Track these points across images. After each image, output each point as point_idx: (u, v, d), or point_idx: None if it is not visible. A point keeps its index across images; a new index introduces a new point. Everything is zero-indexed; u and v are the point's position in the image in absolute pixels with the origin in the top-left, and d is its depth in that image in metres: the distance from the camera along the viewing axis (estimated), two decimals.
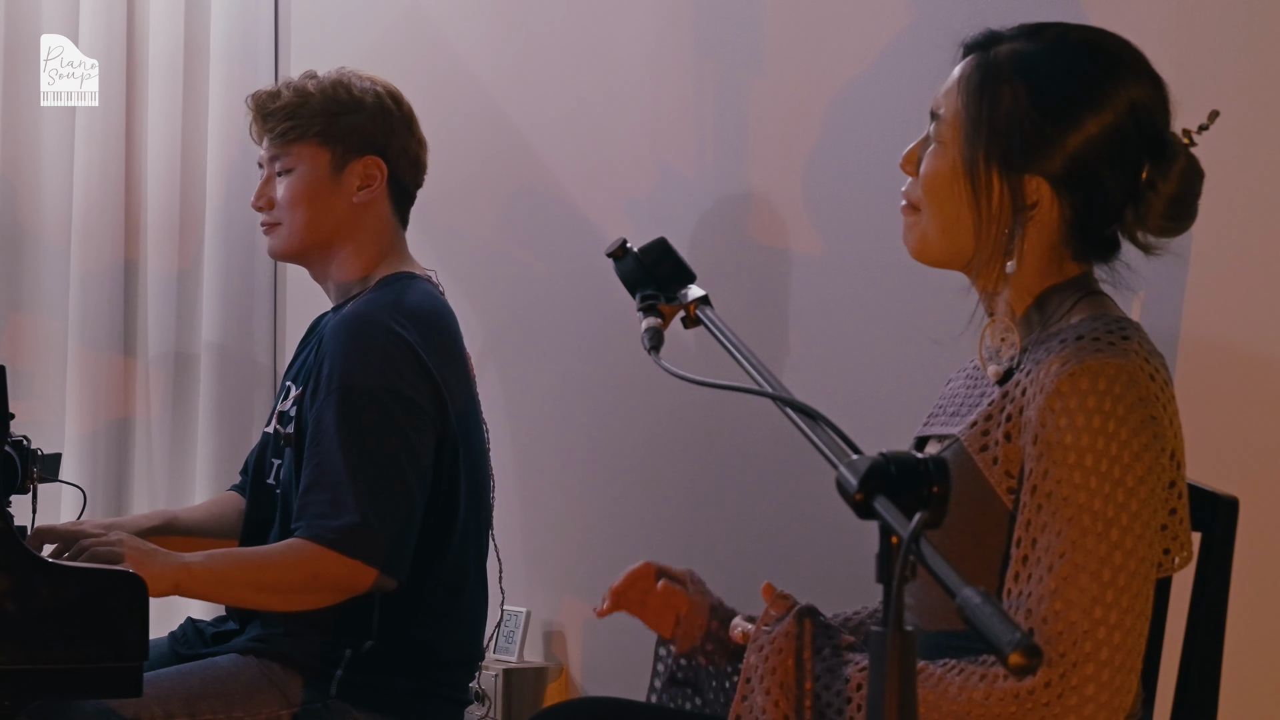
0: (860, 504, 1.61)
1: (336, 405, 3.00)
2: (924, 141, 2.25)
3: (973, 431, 2.15)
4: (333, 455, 2.98)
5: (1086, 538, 2.02)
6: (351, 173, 3.20)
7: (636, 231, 2.46)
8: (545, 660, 4.01)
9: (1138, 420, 2.04)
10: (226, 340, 4.53)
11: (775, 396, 1.89)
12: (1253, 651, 2.76)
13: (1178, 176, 2.16)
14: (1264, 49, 2.84)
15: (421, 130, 3.29)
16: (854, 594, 2.49)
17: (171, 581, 2.84)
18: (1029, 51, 2.18)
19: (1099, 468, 2.03)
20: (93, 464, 4.51)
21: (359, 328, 3.07)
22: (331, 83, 3.22)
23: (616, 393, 3.89)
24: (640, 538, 3.83)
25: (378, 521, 2.94)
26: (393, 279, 3.19)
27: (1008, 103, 2.15)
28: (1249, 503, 2.32)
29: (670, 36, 3.81)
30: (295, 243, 3.23)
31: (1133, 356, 2.07)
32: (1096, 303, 2.18)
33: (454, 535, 3.11)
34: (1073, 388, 2.05)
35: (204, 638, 3.23)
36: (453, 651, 3.14)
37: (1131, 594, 2.02)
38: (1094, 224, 2.17)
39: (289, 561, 2.94)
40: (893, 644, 1.53)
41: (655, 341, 2.21)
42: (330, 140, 3.19)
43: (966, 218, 2.18)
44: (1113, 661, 2.01)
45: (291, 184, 3.20)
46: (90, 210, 4.51)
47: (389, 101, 3.24)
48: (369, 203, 3.20)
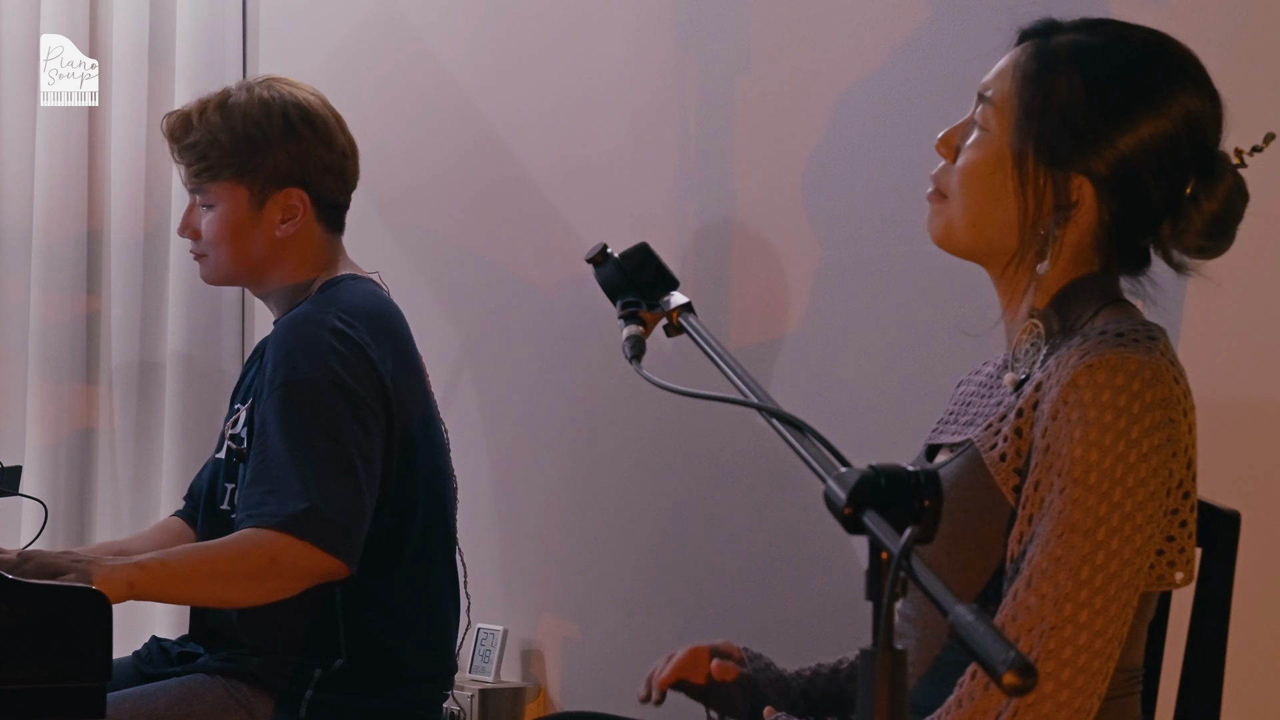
0: (849, 518, 1.59)
1: (279, 402, 3.01)
2: (965, 125, 2.23)
3: (986, 433, 2.15)
4: (276, 449, 2.98)
5: (1073, 533, 2.02)
6: (273, 206, 3.20)
7: (617, 236, 2.46)
8: (523, 680, 4.00)
9: (1152, 421, 2.03)
10: (193, 349, 4.52)
11: (761, 407, 1.89)
12: (1255, 671, 2.76)
13: (1223, 196, 2.15)
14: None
15: (346, 136, 3.27)
16: (843, 613, 2.49)
17: (125, 582, 2.80)
18: (1089, 44, 2.17)
19: (1102, 464, 2.02)
20: (54, 477, 4.50)
21: (299, 327, 3.08)
22: (241, 115, 3.20)
23: (597, 403, 3.88)
24: (621, 553, 3.83)
25: (326, 506, 2.93)
26: (332, 283, 3.20)
27: (1063, 94, 2.14)
28: (1250, 518, 2.32)
29: (652, 33, 3.81)
30: (223, 275, 3.27)
31: (1157, 355, 2.07)
32: (1122, 309, 2.17)
33: (413, 534, 3.12)
34: (1089, 380, 2.04)
35: (169, 657, 3.22)
36: (423, 664, 3.14)
37: (1107, 596, 2.01)
38: (1130, 233, 2.16)
39: (244, 548, 2.93)
40: (883, 663, 1.52)
41: (637, 350, 2.20)
42: (245, 178, 3.19)
43: (1002, 211, 2.17)
44: (1075, 662, 2.00)
45: (213, 222, 3.21)
46: (52, 214, 4.51)
47: (303, 127, 3.21)
48: (294, 231, 3.21)
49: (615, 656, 3.82)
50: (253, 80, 3.27)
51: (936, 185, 2.24)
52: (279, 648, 3.05)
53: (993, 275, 2.24)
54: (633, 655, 3.75)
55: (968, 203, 2.20)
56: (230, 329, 4.59)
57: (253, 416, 3.10)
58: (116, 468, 4.58)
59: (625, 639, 3.78)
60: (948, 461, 2.20)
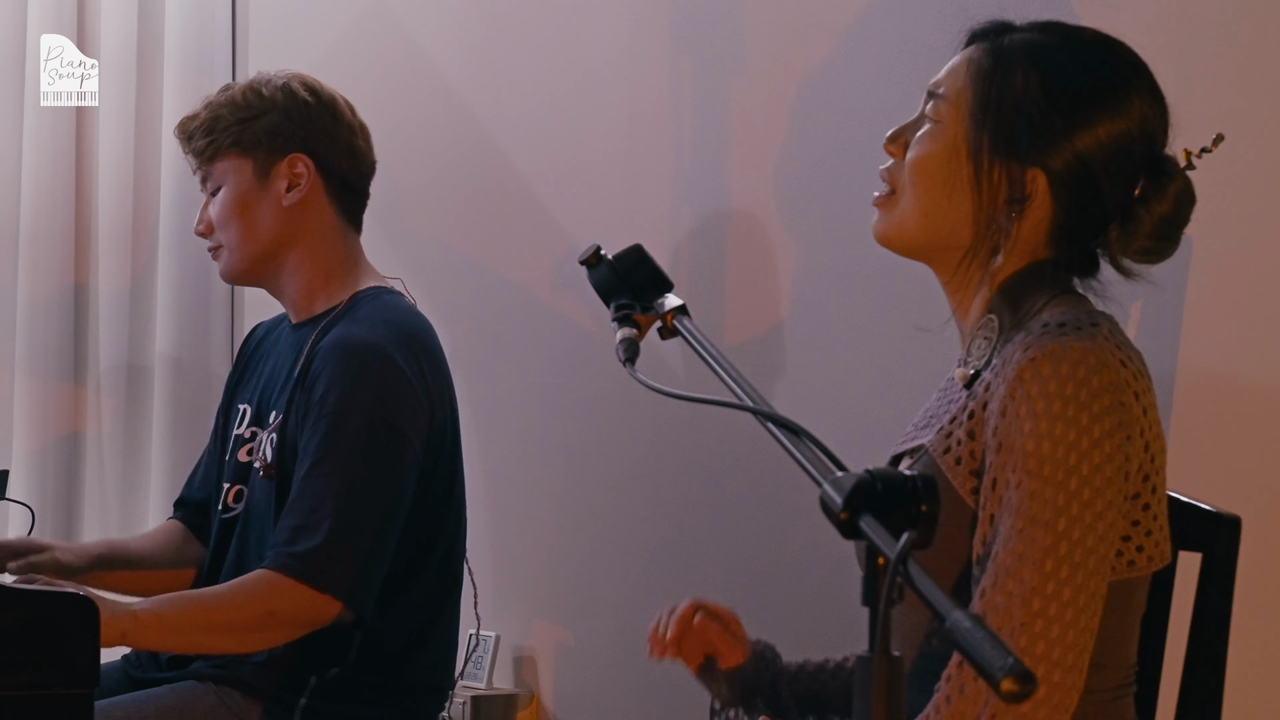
0: (845, 523, 1.60)
1: (325, 429, 3.01)
2: (914, 123, 2.24)
3: (938, 436, 2.15)
4: (313, 481, 2.99)
5: (1033, 527, 2.02)
6: (277, 175, 3.19)
7: (611, 237, 2.45)
8: (515, 687, 4.00)
9: (1100, 406, 2.04)
10: (181, 353, 4.51)
11: (756, 411, 1.89)
12: (1256, 676, 2.76)
13: (1173, 197, 2.17)
14: (1266, 66, 2.85)
15: (356, 117, 3.28)
16: (838, 618, 2.48)
17: (118, 631, 2.80)
18: (1044, 42, 2.20)
19: (1055, 454, 2.02)
20: (42, 481, 4.49)
21: (356, 353, 3.06)
22: (242, 90, 3.22)
23: (590, 407, 3.88)
24: (615, 559, 3.82)
25: (343, 551, 2.93)
26: (367, 297, 3.19)
27: (1020, 88, 2.16)
28: (1251, 523, 2.32)
29: (646, 32, 3.81)
30: (239, 260, 3.23)
31: (1101, 340, 2.07)
32: (1069, 300, 2.18)
33: (431, 563, 3.13)
34: (1034, 373, 2.05)
35: (158, 661, 3.21)
36: (423, 679, 3.14)
37: (1075, 586, 2.01)
38: (1081, 231, 2.18)
39: (241, 599, 2.93)
40: (880, 669, 1.52)
41: (630, 353, 2.20)
42: (248, 148, 3.19)
43: (956, 204, 2.18)
44: (1050, 656, 2.00)
45: (221, 201, 3.21)
46: (39, 217, 4.50)
47: (303, 93, 3.22)
48: (304, 202, 3.19)
49: (608, 663, 3.82)
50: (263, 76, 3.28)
51: (889, 182, 2.25)
52: (274, 655, 3.04)
53: (941, 275, 2.25)
54: (625, 660, 3.75)
55: (920, 194, 2.21)
56: (219, 332, 4.58)
57: (286, 428, 3.09)
58: (104, 472, 4.57)
59: (618, 645, 3.77)
60: (907, 470, 2.21)
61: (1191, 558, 2.26)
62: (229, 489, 3.20)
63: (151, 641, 2.92)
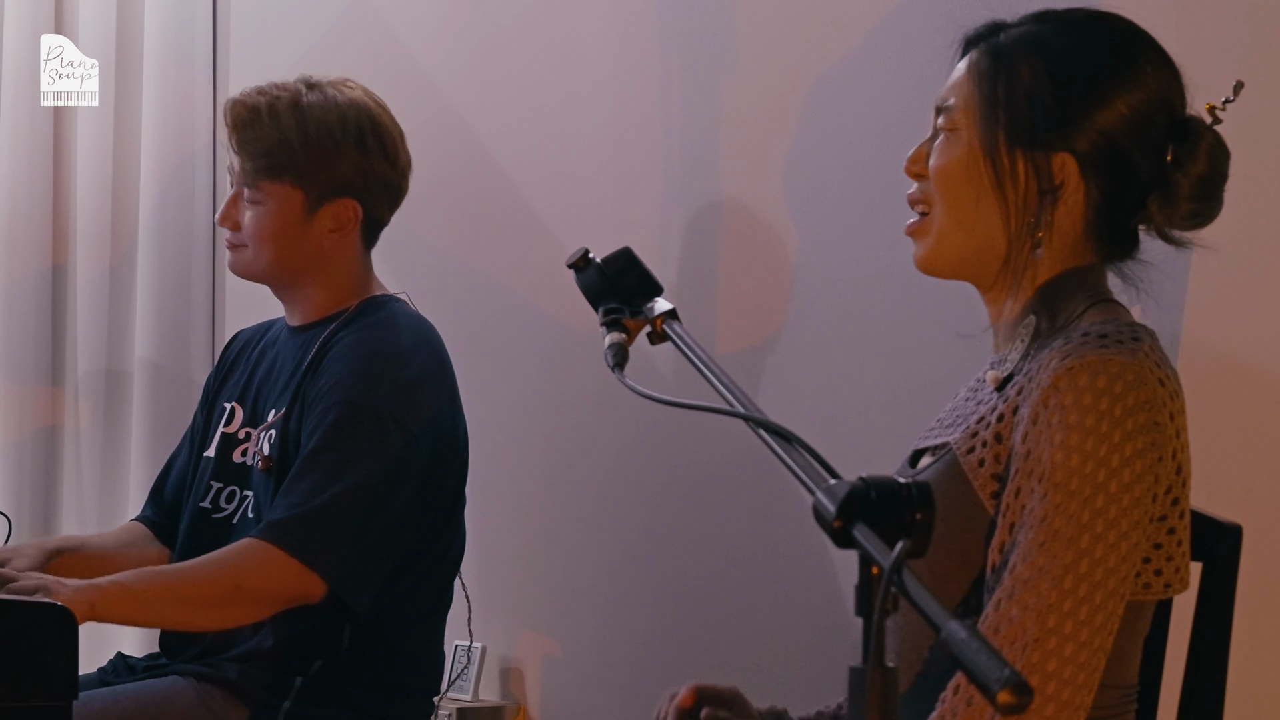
0: (838, 532, 1.59)
1: (335, 418, 3.02)
2: (930, 140, 2.24)
3: (963, 435, 2.15)
4: (311, 464, 2.99)
5: (1055, 541, 2.01)
6: (325, 215, 3.18)
7: (599, 240, 2.45)
8: (502, 699, 4.00)
9: (1135, 424, 2.03)
10: (161, 355, 4.51)
11: (748, 417, 1.88)
12: (1257, 686, 2.76)
13: (1206, 155, 2.17)
14: (1268, 49, 2.85)
15: (406, 153, 3.26)
16: (829, 627, 2.49)
17: (86, 603, 2.77)
18: (1040, 31, 2.20)
19: (1084, 469, 2.02)
20: (18, 484, 4.49)
21: (372, 351, 3.09)
22: (316, 121, 3.16)
23: (578, 413, 3.88)
24: (602, 569, 3.82)
25: (328, 526, 2.93)
26: (376, 304, 3.21)
27: (1026, 80, 2.17)
28: (1252, 532, 2.32)
29: (635, 31, 3.81)
30: (258, 272, 3.23)
31: (1141, 357, 2.06)
32: (1109, 309, 2.17)
33: (425, 570, 3.14)
34: (1070, 383, 2.04)
35: (135, 674, 3.21)
36: (412, 683, 3.15)
37: (1093, 606, 2.01)
38: (1121, 210, 2.17)
39: (210, 573, 2.92)
40: (873, 681, 1.52)
41: (619, 358, 2.19)
42: (306, 184, 3.16)
43: (984, 210, 2.18)
44: (1061, 674, 2.00)
45: (260, 218, 3.17)
46: (16, 215, 4.50)
47: (372, 140, 3.19)
48: (339, 242, 3.19)
49: (596, 674, 3.82)
50: (320, 79, 3.23)
51: (920, 204, 2.24)
52: (259, 655, 3.03)
53: (983, 289, 2.24)
54: (613, 672, 3.75)
55: (949, 203, 2.20)
56: (199, 337, 4.58)
57: (288, 426, 3.09)
58: (82, 475, 4.57)
59: (606, 656, 3.77)
60: (927, 466, 2.20)
61: (1192, 567, 2.26)
62: (220, 489, 3.19)
63: (118, 611, 2.86)
